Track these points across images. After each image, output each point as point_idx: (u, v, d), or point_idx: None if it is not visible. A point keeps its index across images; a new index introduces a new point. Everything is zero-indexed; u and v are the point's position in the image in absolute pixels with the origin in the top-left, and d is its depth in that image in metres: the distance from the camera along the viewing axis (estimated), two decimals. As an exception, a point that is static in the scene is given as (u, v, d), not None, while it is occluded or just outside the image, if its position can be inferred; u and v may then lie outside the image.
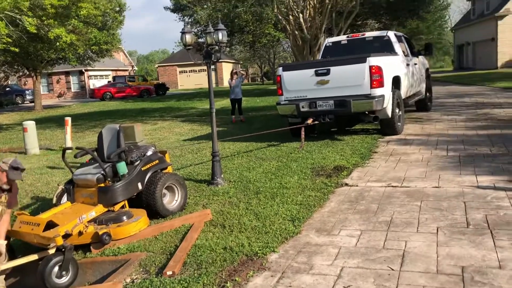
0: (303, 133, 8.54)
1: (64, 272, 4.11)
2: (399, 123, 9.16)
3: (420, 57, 12.09)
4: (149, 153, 5.41)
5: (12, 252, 4.61)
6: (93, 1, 16.20)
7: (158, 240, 4.62)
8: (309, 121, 8.73)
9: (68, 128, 10.98)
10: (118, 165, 4.95)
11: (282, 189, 5.82)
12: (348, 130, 10.16)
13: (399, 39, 10.57)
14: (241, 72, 17.74)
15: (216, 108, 6.71)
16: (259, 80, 64.01)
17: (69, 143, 10.82)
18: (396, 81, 9.24)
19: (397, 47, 10.08)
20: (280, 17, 20.33)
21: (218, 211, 5.25)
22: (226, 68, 49.00)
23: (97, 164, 5.05)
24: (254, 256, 3.92)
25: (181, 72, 51.63)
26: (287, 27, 20.49)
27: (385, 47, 9.99)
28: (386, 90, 8.42)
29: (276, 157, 7.80)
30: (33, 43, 17.41)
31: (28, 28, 12.10)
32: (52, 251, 4.21)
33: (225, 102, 20.49)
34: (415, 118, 11.27)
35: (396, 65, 9.45)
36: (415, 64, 11.12)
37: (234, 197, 5.70)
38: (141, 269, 4.02)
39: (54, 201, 5.33)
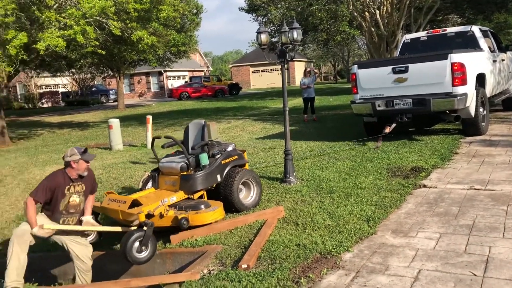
0: (380, 140, 8.37)
1: (143, 247, 4.42)
2: (483, 123, 8.67)
3: (509, 53, 11.30)
4: (229, 149, 5.71)
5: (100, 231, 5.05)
6: (172, 4, 16.90)
7: (233, 234, 4.76)
8: (386, 130, 8.51)
9: (149, 125, 11.57)
10: (200, 156, 5.29)
11: (357, 189, 5.73)
12: (427, 130, 9.75)
13: (484, 34, 9.97)
14: (314, 70, 17.62)
15: (288, 107, 6.76)
16: (332, 78, 63.19)
17: (150, 140, 11.39)
18: (481, 79, 8.73)
19: (482, 42, 9.51)
20: (355, 14, 19.93)
21: (291, 208, 5.29)
22: (299, 67, 48.87)
23: (182, 155, 5.46)
24: (327, 254, 3.91)
25: (253, 72, 52.29)
26: (363, 24, 20.03)
27: (468, 43, 9.48)
28: (469, 88, 8.00)
29: (350, 156, 7.69)
30: (117, 45, 18.54)
31: (113, 31, 12.89)
32: (134, 228, 4.56)
33: (297, 101, 20.48)
34: (502, 118, 10.56)
35: (481, 61, 8.94)
36: (503, 60, 10.43)
37: (307, 196, 5.71)
38: (217, 261, 4.17)
39: (140, 185, 5.82)
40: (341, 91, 28.89)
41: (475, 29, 9.81)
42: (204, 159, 5.28)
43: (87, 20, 11.63)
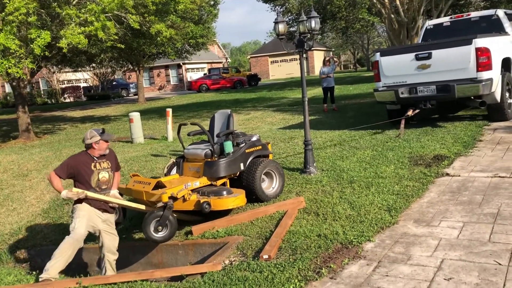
0: (403, 125, 8.29)
1: (160, 227, 4.59)
2: (509, 109, 8.54)
3: None
4: (254, 139, 5.84)
5: (124, 211, 5.29)
6: (189, -4, 16.90)
7: (254, 225, 4.78)
8: (410, 112, 8.46)
9: (169, 118, 11.66)
10: (225, 144, 5.43)
11: (378, 178, 5.68)
12: (450, 116, 9.58)
13: (509, 17, 9.73)
14: (334, 59, 17.41)
15: (307, 97, 6.72)
16: (352, 67, 62.48)
17: (170, 133, 11.50)
18: (507, 63, 8.59)
19: (508, 26, 9.32)
20: (374, 0, 19.61)
21: (312, 199, 5.28)
22: (318, 56, 48.44)
23: (207, 143, 5.65)
24: (349, 244, 3.90)
25: (272, 62, 52.06)
26: (382, 10, 19.70)
27: (493, 27, 9.29)
28: (494, 73, 7.88)
29: (370, 146, 7.62)
30: (136, 39, 18.65)
31: (132, 25, 12.98)
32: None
33: (317, 91, 20.34)
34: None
35: (506, 45, 8.77)
36: None
37: (327, 186, 5.69)
38: (239, 252, 4.20)
39: (165, 171, 6.01)
40: (361, 79, 28.56)
41: (500, 13, 9.63)
42: (229, 147, 5.42)
43: (107, 15, 11.74)
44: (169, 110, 11.84)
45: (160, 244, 4.90)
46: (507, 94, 8.47)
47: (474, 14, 10.38)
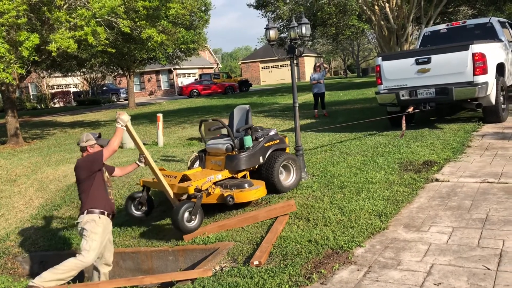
0: (404, 121, 8.53)
1: (193, 217, 4.75)
2: (503, 112, 8.93)
3: None
4: (272, 133, 6.12)
5: (151, 203, 5.47)
6: (180, 1, 16.90)
7: (244, 231, 4.77)
8: (410, 109, 8.76)
9: (160, 124, 11.62)
10: (245, 138, 5.69)
11: (368, 184, 5.71)
12: (441, 122, 9.69)
13: (503, 25, 10.36)
14: (324, 65, 17.50)
15: (298, 103, 6.76)
16: (342, 73, 62.83)
17: (161, 138, 11.46)
18: (501, 68, 9.03)
19: (501, 33, 9.83)
20: (364, 7, 19.78)
21: (302, 204, 5.28)
22: (308, 62, 48.69)
23: (227, 138, 5.88)
24: (339, 250, 3.91)
25: (263, 68, 52.21)
26: (372, 17, 19.89)
27: (488, 34, 9.77)
28: (490, 77, 8.31)
29: (360, 151, 7.66)
30: (127, 44, 18.61)
31: (123, 30, 12.94)
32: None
33: (308, 97, 20.41)
34: (514, 110, 10.43)
35: (501, 51, 9.22)
36: None
37: (318, 191, 5.70)
38: (229, 258, 4.19)
39: (188, 164, 6.24)
40: (351, 86, 28.74)
41: (494, 21, 10.16)
42: (248, 141, 5.66)
43: (97, 20, 11.70)
44: (160, 116, 11.80)
45: (149, 251, 4.87)
46: (501, 97, 8.82)
47: (469, 22, 10.88)
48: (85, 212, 4.40)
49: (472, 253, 3.56)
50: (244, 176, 5.72)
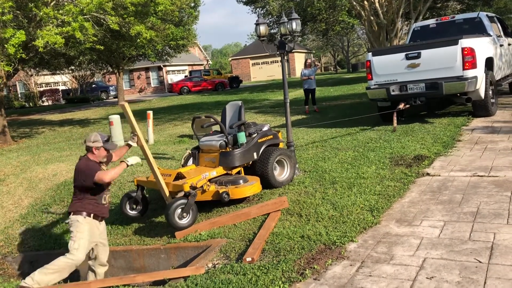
0: (395, 116, 8.59)
1: (185, 214, 4.73)
2: (492, 106, 9.00)
3: None
4: (265, 128, 6.08)
5: (146, 202, 5.44)
6: (169, -2, 16.77)
7: (237, 227, 4.75)
8: (401, 105, 8.79)
9: (150, 121, 11.53)
10: (238, 135, 5.65)
11: (359, 179, 5.72)
12: (431, 117, 9.76)
13: (491, 19, 10.40)
14: (316, 63, 17.51)
15: (289, 99, 6.74)
16: (332, 69, 62.95)
17: (151, 136, 11.38)
18: (489, 63, 9.09)
19: (490, 28, 9.88)
20: (354, 3, 19.80)
21: (294, 200, 5.28)
22: (299, 58, 48.67)
23: (220, 135, 5.87)
24: (332, 245, 3.91)
25: (253, 64, 52.11)
26: (362, 13, 19.92)
27: (476, 29, 9.82)
28: (479, 72, 8.34)
29: (352, 147, 7.67)
30: (116, 41, 18.42)
31: (111, 26, 12.80)
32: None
33: (298, 93, 20.41)
34: (504, 104, 10.51)
35: (489, 46, 9.27)
36: (510, 44, 10.90)
37: (310, 187, 5.70)
38: (222, 255, 4.17)
39: (182, 162, 6.20)
40: (341, 81, 28.78)
41: (483, 16, 10.19)
42: (242, 137, 5.67)
43: (85, 16, 11.57)
44: (150, 113, 11.71)
45: (145, 249, 4.84)
46: (490, 91, 8.87)
47: (458, 17, 10.93)
48: (71, 213, 4.49)
49: (464, 246, 3.58)
50: (239, 172, 5.72)
